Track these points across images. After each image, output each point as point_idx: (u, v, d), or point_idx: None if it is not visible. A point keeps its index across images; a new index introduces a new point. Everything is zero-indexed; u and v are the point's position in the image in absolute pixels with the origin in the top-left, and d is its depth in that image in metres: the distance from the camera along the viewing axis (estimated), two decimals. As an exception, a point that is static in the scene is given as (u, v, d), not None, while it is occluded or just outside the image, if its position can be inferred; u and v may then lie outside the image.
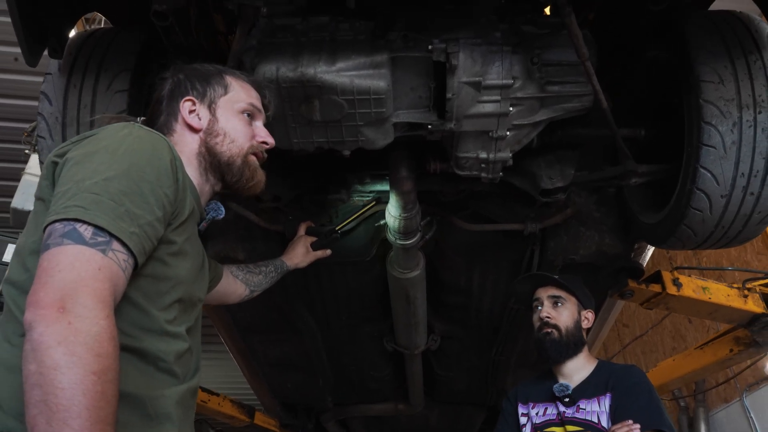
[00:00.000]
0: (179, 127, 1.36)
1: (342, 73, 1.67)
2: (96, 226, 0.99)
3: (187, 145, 1.34)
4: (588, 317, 2.13)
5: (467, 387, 3.74)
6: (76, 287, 0.93)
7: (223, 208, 1.47)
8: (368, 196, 2.36)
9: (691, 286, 2.57)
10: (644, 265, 2.73)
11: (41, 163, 1.85)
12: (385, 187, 2.24)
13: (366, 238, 2.52)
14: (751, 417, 4.81)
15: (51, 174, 1.12)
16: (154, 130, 1.23)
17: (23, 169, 3.58)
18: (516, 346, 3.16)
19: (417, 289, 2.61)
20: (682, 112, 1.85)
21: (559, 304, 2.10)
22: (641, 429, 1.76)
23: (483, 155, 1.89)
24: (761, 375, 4.75)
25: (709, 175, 1.76)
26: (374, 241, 2.53)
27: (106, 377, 0.90)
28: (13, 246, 3.10)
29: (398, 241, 2.32)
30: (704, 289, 2.59)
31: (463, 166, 1.95)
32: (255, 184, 1.42)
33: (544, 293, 2.14)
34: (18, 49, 1.56)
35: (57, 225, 0.99)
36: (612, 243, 2.42)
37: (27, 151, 3.57)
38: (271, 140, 1.46)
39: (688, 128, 1.81)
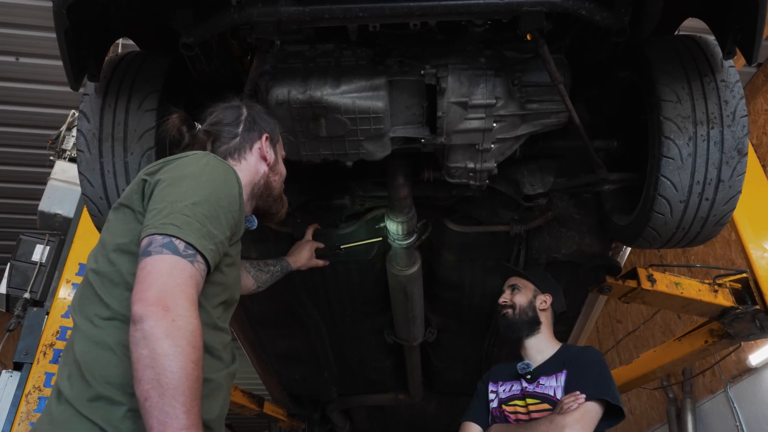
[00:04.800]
0: (251, 157, 1.65)
1: (345, 95, 1.91)
2: (187, 243, 1.23)
3: (250, 174, 1.63)
4: (545, 300, 2.39)
5: (463, 378, 3.96)
6: (175, 291, 1.17)
7: (255, 220, 1.75)
8: (369, 202, 2.59)
9: (665, 282, 2.81)
10: (623, 262, 2.97)
11: (80, 173, 2.07)
12: (384, 192, 2.47)
13: (367, 239, 2.75)
14: (735, 407, 5.04)
15: (141, 189, 1.36)
16: (226, 163, 1.49)
17: (47, 173, 3.81)
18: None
19: (414, 285, 2.85)
20: None
21: (516, 290, 2.41)
22: (587, 398, 1.99)
23: (471, 165, 2.12)
24: (744, 367, 4.98)
25: (668, 183, 1.99)
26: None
27: (199, 364, 1.14)
28: (41, 246, 3.35)
29: (396, 242, 2.56)
30: (677, 284, 2.83)
31: (454, 174, 2.19)
32: (282, 215, 1.79)
33: (507, 284, 2.46)
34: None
35: (157, 237, 1.22)
36: (591, 243, 2.66)
37: (51, 158, 3.81)
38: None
39: (651, 141, 2.04)
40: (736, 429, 5.03)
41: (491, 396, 2.32)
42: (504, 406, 2.24)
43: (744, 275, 2.97)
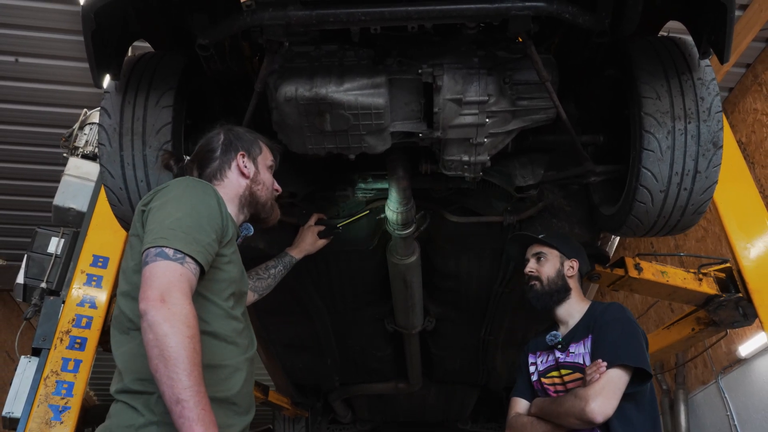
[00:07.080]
0: (231, 174, 1.88)
1: (348, 92, 2.05)
2: (175, 249, 1.49)
3: (234, 188, 1.86)
4: (573, 266, 2.38)
5: (461, 366, 4.11)
6: (169, 287, 1.44)
7: (252, 228, 2.00)
8: (371, 193, 2.74)
9: (651, 271, 2.95)
10: (612, 252, 3.12)
11: (102, 165, 2.22)
12: (385, 185, 2.61)
13: (368, 230, 2.89)
14: (726, 397, 5.18)
15: (140, 218, 1.63)
16: (203, 181, 1.76)
17: (61, 170, 3.96)
18: (503, 325, 3.53)
19: (413, 273, 2.99)
20: None
21: (542, 259, 2.38)
22: (608, 366, 1.97)
23: (465, 158, 2.27)
24: (734, 358, 5.12)
25: (649, 174, 2.14)
26: (376, 232, 2.91)
27: (194, 339, 1.40)
28: (56, 239, 3.50)
29: (396, 232, 2.70)
30: (663, 273, 2.97)
31: (450, 167, 2.33)
32: (274, 218, 2.01)
33: (530, 252, 2.44)
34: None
35: (151, 249, 1.50)
36: (581, 232, 2.80)
37: (65, 155, 3.96)
38: (279, 189, 2.02)
39: (632, 135, 2.18)
40: (727, 418, 5.18)
41: (531, 368, 2.34)
42: (543, 379, 2.27)
43: (728, 265, 3.12)
